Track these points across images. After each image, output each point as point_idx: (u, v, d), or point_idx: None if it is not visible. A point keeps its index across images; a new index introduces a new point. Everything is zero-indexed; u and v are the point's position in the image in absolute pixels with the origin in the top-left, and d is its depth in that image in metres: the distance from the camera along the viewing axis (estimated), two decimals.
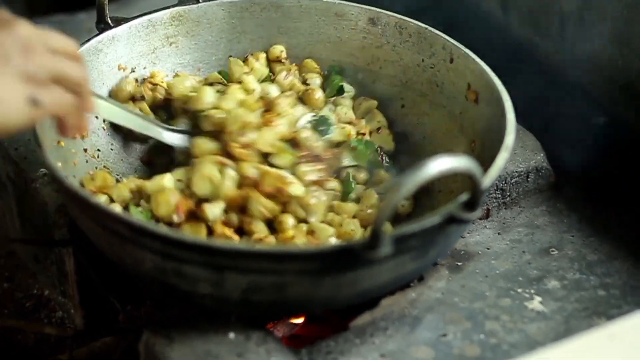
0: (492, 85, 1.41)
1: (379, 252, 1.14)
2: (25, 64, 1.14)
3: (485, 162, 1.30)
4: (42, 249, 1.58)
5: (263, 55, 1.59)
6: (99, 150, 1.47)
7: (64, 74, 1.17)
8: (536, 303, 1.36)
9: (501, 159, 1.28)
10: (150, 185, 1.38)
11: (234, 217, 1.36)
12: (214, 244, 1.22)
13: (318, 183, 1.42)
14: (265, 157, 1.43)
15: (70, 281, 1.53)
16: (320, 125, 1.49)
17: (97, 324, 1.55)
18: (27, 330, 1.59)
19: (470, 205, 1.20)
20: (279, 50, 1.59)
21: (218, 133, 1.44)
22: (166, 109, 1.54)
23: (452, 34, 1.52)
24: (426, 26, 1.53)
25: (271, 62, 1.59)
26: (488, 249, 1.45)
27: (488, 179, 1.24)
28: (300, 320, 1.41)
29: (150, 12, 1.55)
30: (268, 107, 1.47)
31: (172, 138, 1.48)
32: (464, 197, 1.21)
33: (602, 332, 1.16)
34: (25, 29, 1.16)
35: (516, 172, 1.53)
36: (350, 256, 1.16)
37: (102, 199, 1.36)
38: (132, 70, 1.54)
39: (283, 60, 1.59)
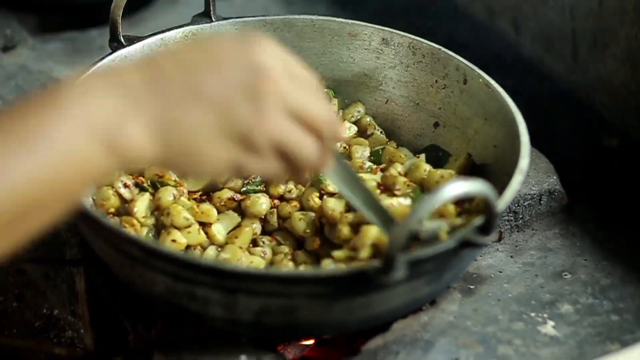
0: (506, 107, 1.40)
1: (393, 276, 1.14)
2: (251, 126, 1.01)
3: (499, 184, 1.29)
4: (53, 267, 1.57)
5: None
6: None
7: (292, 154, 1.04)
8: (549, 327, 1.35)
9: (516, 182, 1.27)
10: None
11: None
12: (226, 266, 1.22)
13: None
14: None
15: (80, 301, 1.53)
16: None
17: (108, 344, 1.55)
18: (37, 350, 1.59)
19: (485, 229, 1.20)
20: None
21: None
22: None
23: (463, 54, 1.52)
24: (439, 47, 1.53)
25: None
26: (500, 272, 1.44)
27: (503, 203, 1.23)
28: (310, 342, 1.40)
29: (163, 31, 1.54)
30: None
31: None
32: (478, 221, 1.20)
33: (616, 358, 1.16)
34: (267, 57, 1.02)
35: (529, 194, 1.52)
36: (363, 280, 1.16)
37: (113, 220, 1.36)
38: None
39: None
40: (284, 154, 1.05)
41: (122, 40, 1.50)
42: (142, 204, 1.37)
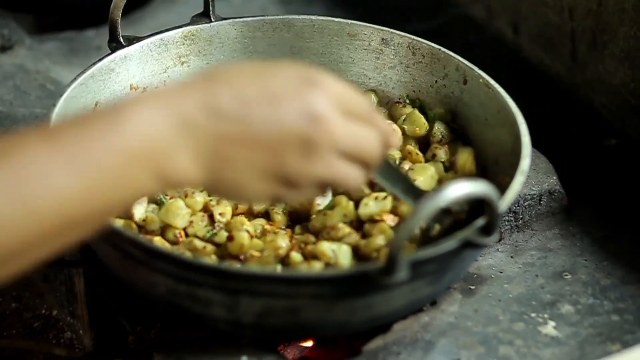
0: (507, 107, 1.40)
1: (395, 277, 1.13)
2: (296, 171, 1.04)
3: (500, 185, 1.29)
4: (52, 269, 1.57)
5: None
6: None
7: (333, 184, 1.08)
8: (550, 328, 1.35)
9: (517, 183, 1.27)
10: None
11: None
12: (228, 267, 1.21)
13: None
14: None
15: (79, 302, 1.52)
16: None
17: (107, 345, 1.54)
18: (36, 351, 1.58)
19: (487, 229, 1.19)
20: None
21: None
22: None
23: (462, 55, 1.52)
24: (439, 47, 1.53)
25: None
26: (501, 272, 1.44)
27: (505, 204, 1.23)
28: (309, 343, 1.40)
29: (162, 31, 1.54)
30: None
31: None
32: (480, 221, 1.20)
33: (617, 359, 1.16)
34: (325, 103, 1.04)
35: (529, 195, 1.52)
36: (366, 281, 1.16)
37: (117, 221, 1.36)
38: (144, 90, 1.53)
39: None
40: (327, 186, 1.09)
41: (122, 40, 1.50)
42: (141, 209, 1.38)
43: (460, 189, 1.13)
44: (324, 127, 1.04)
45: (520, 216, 1.52)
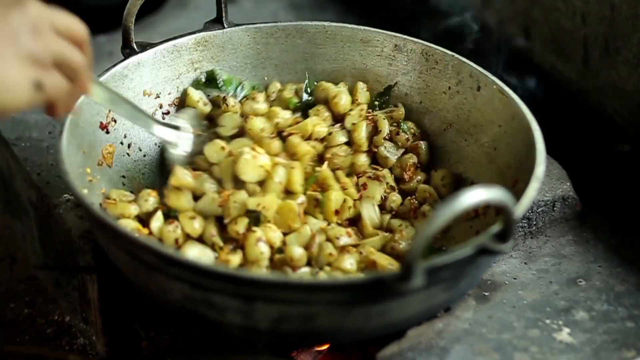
0: (521, 114, 1.40)
1: (411, 284, 1.13)
2: (32, 46, 1.14)
3: (515, 191, 1.29)
4: (64, 275, 1.57)
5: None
6: (123, 176, 1.47)
7: (67, 59, 1.18)
8: (565, 334, 1.34)
9: (532, 189, 1.27)
10: None
11: None
12: (244, 274, 1.21)
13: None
14: None
15: (93, 308, 1.52)
16: None
17: (120, 351, 1.54)
18: (50, 357, 1.58)
19: (503, 236, 1.19)
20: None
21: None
22: None
23: (474, 60, 1.52)
24: (453, 53, 1.53)
25: None
26: (515, 278, 1.44)
27: (520, 210, 1.23)
28: (324, 348, 1.40)
29: (175, 38, 1.54)
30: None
31: (162, 132, 1.47)
32: (495, 228, 1.20)
33: None
34: (35, 8, 1.16)
35: (542, 201, 1.52)
36: (382, 288, 1.15)
37: (129, 226, 1.35)
38: (157, 96, 1.53)
39: None
40: (64, 64, 1.17)
41: (135, 47, 1.50)
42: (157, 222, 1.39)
43: (477, 196, 1.12)
44: (35, 14, 1.15)
45: (534, 222, 1.52)
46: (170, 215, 1.38)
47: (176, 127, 1.49)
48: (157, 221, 1.37)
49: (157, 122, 1.47)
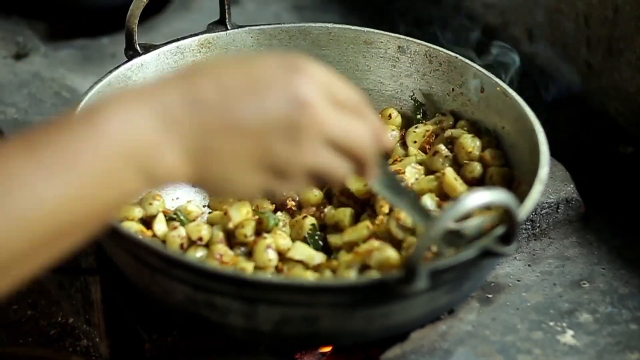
0: (525, 116, 1.39)
1: (414, 286, 1.13)
2: (287, 158, 1.01)
3: (518, 193, 1.29)
4: (67, 276, 1.57)
5: None
6: None
7: (326, 175, 1.05)
8: (568, 337, 1.34)
9: (536, 191, 1.27)
10: None
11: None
12: (247, 276, 1.21)
13: None
14: None
15: (96, 310, 1.52)
16: None
17: (123, 353, 1.54)
18: (53, 359, 1.58)
19: (506, 238, 1.19)
20: None
21: None
22: None
23: (477, 62, 1.52)
24: (456, 55, 1.52)
25: None
26: (518, 280, 1.44)
27: (524, 212, 1.23)
28: (327, 349, 1.40)
29: (178, 39, 1.54)
30: None
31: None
32: (499, 230, 1.19)
33: None
34: (310, 89, 1.01)
35: (546, 203, 1.51)
36: (385, 290, 1.15)
37: (132, 228, 1.35)
38: None
39: None
40: (318, 177, 1.05)
41: (138, 48, 1.50)
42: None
43: (480, 198, 1.12)
44: (310, 112, 1.00)
45: (538, 224, 1.51)
46: (175, 218, 1.38)
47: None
48: (160, 223, 1.37)
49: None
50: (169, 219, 1.39)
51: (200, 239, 1.34)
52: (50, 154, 0.94)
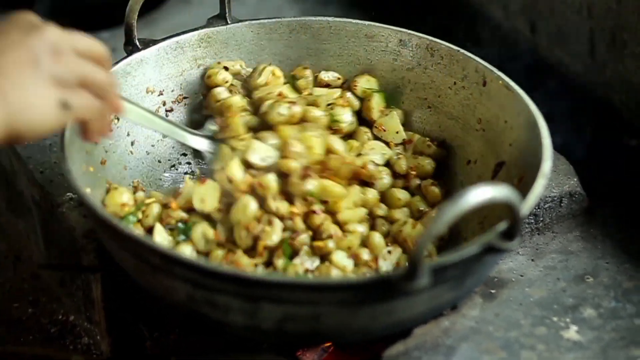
0: (527, 109, 1.38)
1: (417, 283, 1.12)
2: (55, 67, 1.15)
3: (521, 188, 1.28)
4: (68, 274, 1.56)
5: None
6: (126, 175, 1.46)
7: (91, 79, 1.18)
8: (572, 332, 1.33)
9: (539, 186, 1.26)
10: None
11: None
12: (249, 274, 1.20)
13: None
14: None
15: (96, 307, 1.51)
16: None
17: (124, 351, 1.53)
18: (54, 357, 1.58)
19: (509, 234, 1.18)
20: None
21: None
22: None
23: (479, 54, 1.50)
24: (458, 48, 1.51)
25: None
26: (522, 275, 1.43)
27: (527, 207, 1.22)
28: (328, 346, 1.39)
29: (178, 34, 1.53)
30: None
31: (197, 142, 1.47)
32: (502, 226, 1.18)
33: None
34: (54, 32, 1.17)
35: (549, 197, 1.50)
36: (388, 287, 1.14)
37: (133, 226, 1.35)
38: (160, 93, 1.52)
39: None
40: (89, 83, 1.18)
41: (138, 43, 1.49)
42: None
43: (482, 194, 1.11)
44: (54, 38, 1.16)
45: (541, 219, 1.50)
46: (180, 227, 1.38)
47: (210, 137, 1.48)
48: (158, 235, 1.36)
49: (192, 134, 1.47)
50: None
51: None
52: None
